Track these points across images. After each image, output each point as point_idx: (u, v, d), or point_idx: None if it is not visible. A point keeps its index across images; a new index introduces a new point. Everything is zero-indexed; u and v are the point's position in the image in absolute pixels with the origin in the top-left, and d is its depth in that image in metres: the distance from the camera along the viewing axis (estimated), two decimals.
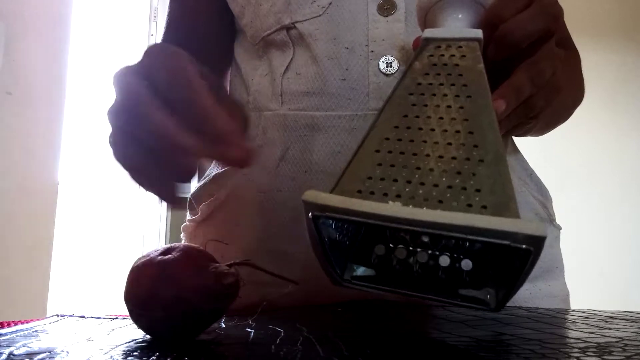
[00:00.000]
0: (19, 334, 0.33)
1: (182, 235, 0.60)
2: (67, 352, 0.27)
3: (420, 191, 0.29)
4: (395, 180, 0.30)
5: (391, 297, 0.31)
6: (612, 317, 0.38)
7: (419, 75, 0.35)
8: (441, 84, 0.34)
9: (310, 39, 0.48)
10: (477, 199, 0.28)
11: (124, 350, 0.28)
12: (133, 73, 0.30)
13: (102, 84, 2.45)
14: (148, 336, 0.32)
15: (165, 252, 0.32)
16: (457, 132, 0.31)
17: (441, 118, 0.32)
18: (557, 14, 0.37)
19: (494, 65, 0.36)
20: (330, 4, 0.48)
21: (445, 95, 0.33)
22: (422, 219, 0.27)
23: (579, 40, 0.57)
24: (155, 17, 2.42)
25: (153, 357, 0.26)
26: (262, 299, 0.42)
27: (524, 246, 0.25)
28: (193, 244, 0.34)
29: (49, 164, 1.46)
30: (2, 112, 1.29)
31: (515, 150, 0.56)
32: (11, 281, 1.31)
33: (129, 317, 0.33)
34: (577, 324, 0.36)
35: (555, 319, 0.38)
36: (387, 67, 0.47)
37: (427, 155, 0.31)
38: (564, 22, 0.55)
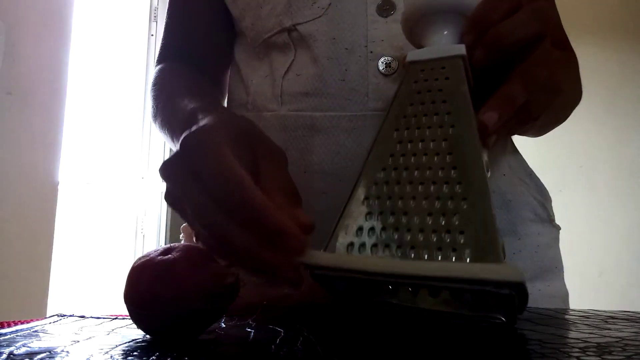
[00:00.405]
0: (19, 334, 0.33)
1: (181, 236, 0.60)
2: (67, 352, 0.27)
3: (408, 237, 0.31)
4: (384, 229, 0.32)
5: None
6: (612, 317, 0.38)
7: (404, 106, 0.35)
8: (425, 115, 0.34)
9: (310, 40, 0.48)
10: (462, 241, 0.29)
11: (123, 350, 0.28)
12: (180, 172, 0.31)
13: (102, 84, 2.45)
14: (148, 336, 0.32)
15: (165, 252, 0.32)
16: (442, 168, 0.32)
17: (426, 154, 0.33)
18: (547, 18, 0.36)
19: (484, 71, 0.36)
20: (330, 4, 0.48)
21: (430, 127, 0.34)
22: (406, 273, 0.28)
23: (579, 40, 0.57)
24: (155, 17, 2.42)
25: (153, 357, 0.26)
26: (262, 299, 0.42)
27: (507, 291, 0.26)
28: (193, 244, 0.34)
29: (49, 164, 1.46)
30: (2, 112, 1.29)
31: (515, 150, 0.56)
32: (11, 281, 1.31)
33: (129, 317, 0.33)
34: (577, 324, 0.36)
35: (555, 319, 0.38)
36: (386, 67, 0.47)
37: (414, 197, 0.32)
38: (560, 23, 0.55)
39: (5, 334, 0.32)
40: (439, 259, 0.29)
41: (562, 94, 0.39)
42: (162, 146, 2.45)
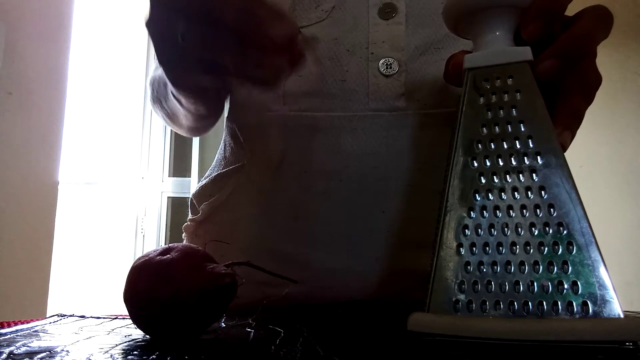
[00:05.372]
0: (19, 333, 0.33)
1: (183, 234, 0.60)
2: (67, 351, 0.27)
3: (518, 293, 0.28)
4: (489, 283, 0.29)
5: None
6: None
7: (475, 127, 0.32)
8: (503, 140, 0.31)
9: (313, 42, 0.49)
10: (577, 293, 0.27)
11: (123, 350, 0.28)
12: None
13: (102, 84, 2.45)
14: (148, 336, 0.32)
15: (164, 252, 0.32)
16: (537, 206, 0.29)
17: (515, 189, 0.30)
18: (612, 19, 0.33)
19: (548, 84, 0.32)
20: (333, 7, 0.49)
21: (512, 155, 0.30)
22: (529, 338, 0.27)
23: None
24: None
25: (153, 357, 0.26)
26: (262, 298, 0.42)
27: (630, 345, 0.26)
28: (192, 244, 0.34)
29: (49, 164, 1.46)
30: (2, 112, 1.29)
31: None
32: (11, 281, 1.31)
33: (129, 317, 0.33)
34: None
35: None
36: (387, 68, 0.47)
37: (513, 244, 0.29)
38: None
39: (5, 334, 0.32)
40: (558, 315, 0.27)
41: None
42: (162, 146, 2.45)
